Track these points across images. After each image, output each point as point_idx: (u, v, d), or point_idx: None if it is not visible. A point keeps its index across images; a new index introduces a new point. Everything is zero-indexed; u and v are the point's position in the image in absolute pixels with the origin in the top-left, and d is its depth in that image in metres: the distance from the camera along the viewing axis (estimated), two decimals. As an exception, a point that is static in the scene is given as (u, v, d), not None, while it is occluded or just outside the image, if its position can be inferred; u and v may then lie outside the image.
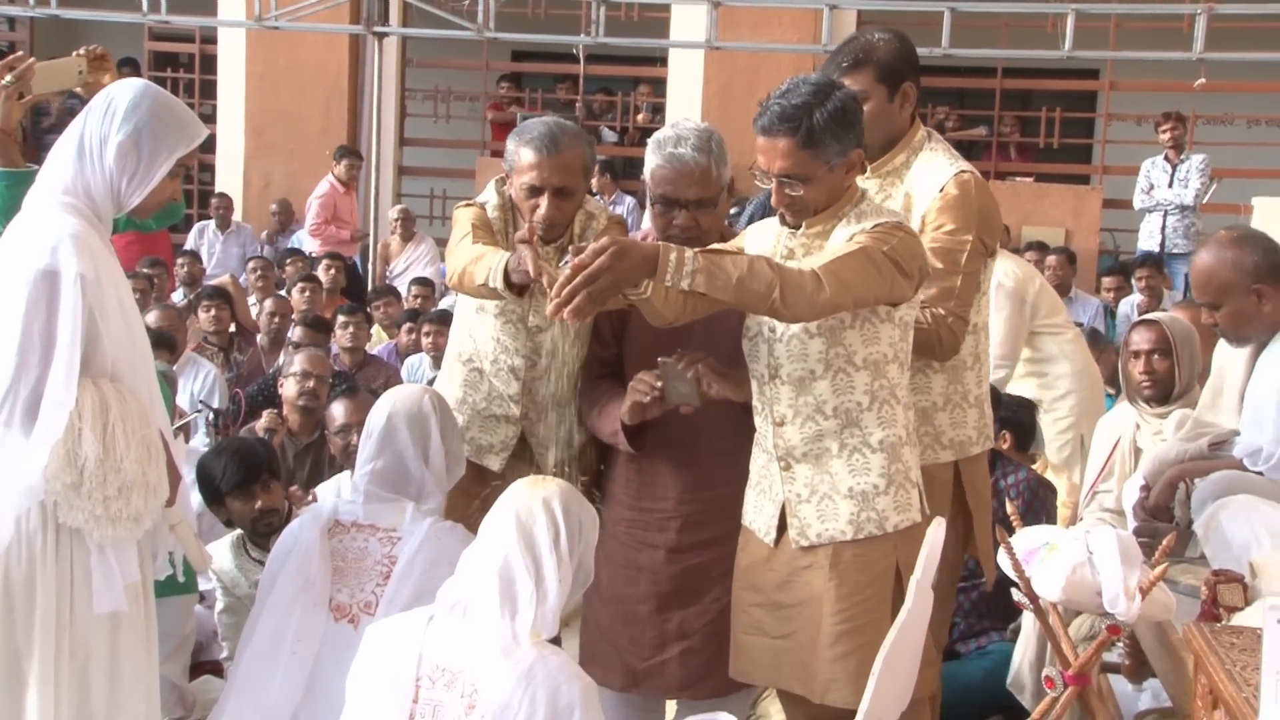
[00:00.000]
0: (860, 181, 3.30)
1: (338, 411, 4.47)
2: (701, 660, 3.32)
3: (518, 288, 3.15)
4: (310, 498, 4.46)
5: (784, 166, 2.89)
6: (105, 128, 2.89)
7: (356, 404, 4.47)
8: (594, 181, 10.21)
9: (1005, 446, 4.81)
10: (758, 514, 3.10)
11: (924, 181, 3.31)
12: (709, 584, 3.32)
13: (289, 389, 5.40)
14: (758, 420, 3.09)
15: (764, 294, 2.72)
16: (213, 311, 7.58)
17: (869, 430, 2.95)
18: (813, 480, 2.99)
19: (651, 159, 3.30)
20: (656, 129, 4.02)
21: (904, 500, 2.95)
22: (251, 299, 8.71)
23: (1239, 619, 2.80)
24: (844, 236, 2.90)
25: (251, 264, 9.35)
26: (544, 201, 3.38)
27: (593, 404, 3.43)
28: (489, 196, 3.60)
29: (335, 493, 4.40)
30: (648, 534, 3.41)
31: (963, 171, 3.28)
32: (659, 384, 3.15)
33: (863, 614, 2.92)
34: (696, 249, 2.80)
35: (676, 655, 3.35)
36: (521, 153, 3.39)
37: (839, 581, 2.95)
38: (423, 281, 9.24)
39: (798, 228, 3.00)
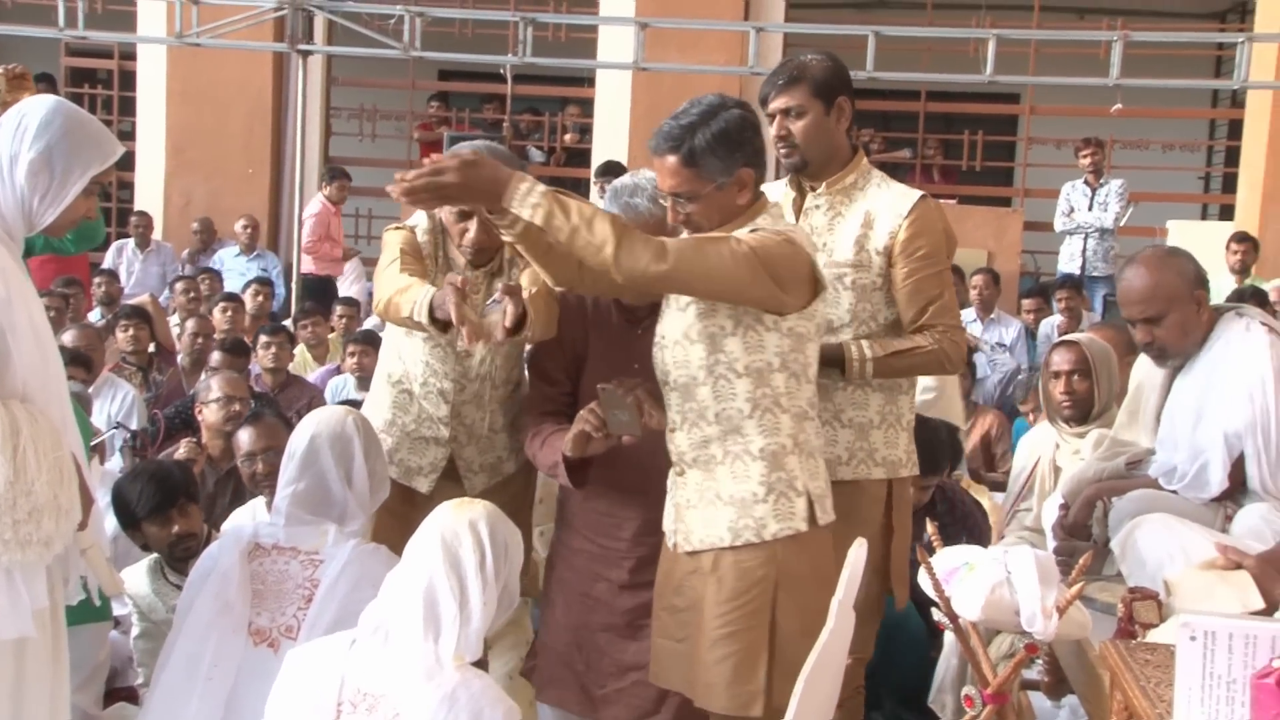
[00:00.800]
0: (810, 198, 3.41)
1: (243, 439, 4.39)
2: (655, 693, 3.33)
3: (441, 323, 3.15)
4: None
5: (671, 185, 3.00)
6: (16, 145, 2.84)
7: (260, 431, 4.39)
8: None
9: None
10: (665, 519, 3.16)
11: (887, 203, 3.44)
12: None
13: (212, 415, 5.32)
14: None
15: (597, 245, 2.78)
16: (131, 331, 7.45)
17: (750, 438, 2.97)
18: (702, 486, 3.03)
19: (610, 207, 3.36)
20: (584, 149, 4.08)
21: (785, 509, 2.96)
22: (174, 318, 8.59)
23: (1154, 636, 2.84)
24: None
25: (180, 284, 9.22)
26: (473, 226, 3.40)
27: (535, 436, 3.42)
28: (419, 219, 3.59)
29: (251, 518, 4.34)
30: (602, 568, 3.44)
31: (924, 197, 3.46)
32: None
33: (740, 620, 2.95)
34: (551, 189, 2.86)
35: (630, 685, 3.38)
36: None
37: (717, 587, 2.99)
38: (348, 301, 9.16)
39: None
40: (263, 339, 7.05)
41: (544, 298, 3.31)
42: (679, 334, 3.02)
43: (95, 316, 8.72)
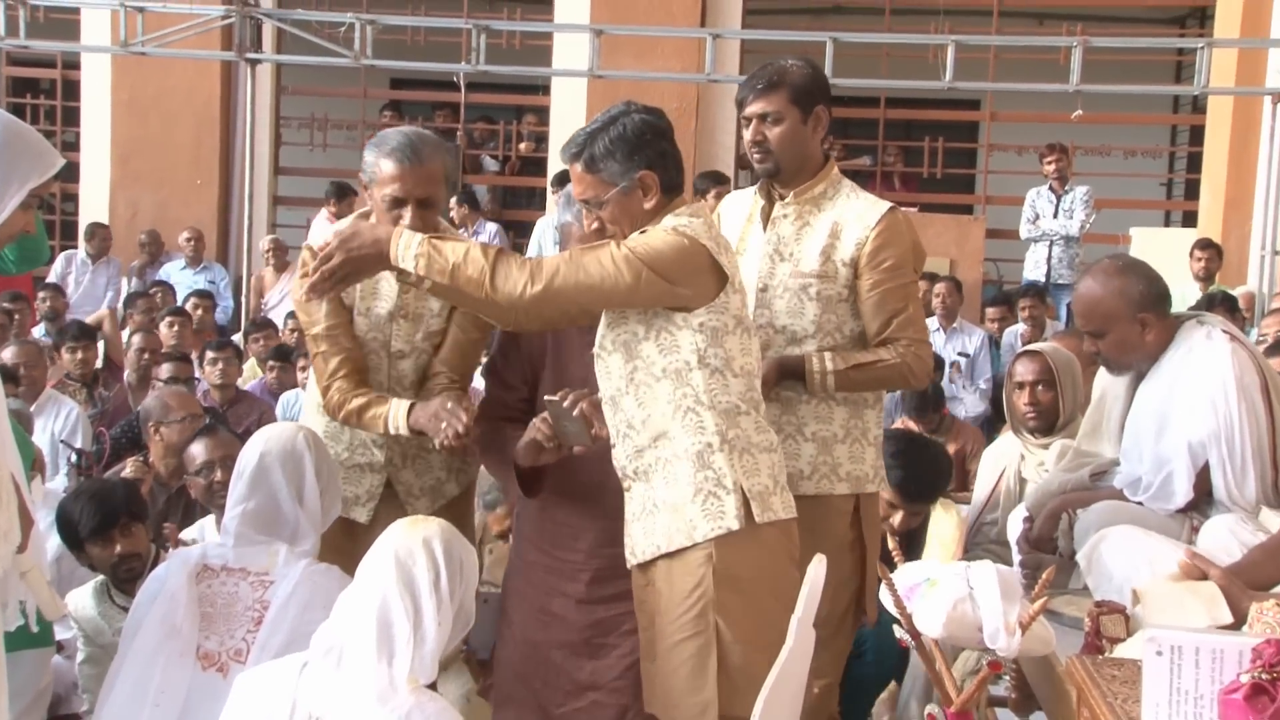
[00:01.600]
0: (779, 207, 3.44)
1: (197, 450, 4.37)
2: (611, 713, 3.31)
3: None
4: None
5: (578, 192, 3.08)
6: None
7: (216, 441, 4.37)
8: (453, 212, 10.18)
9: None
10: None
11: (855, 214, 3.47)
12: (620, 638, 3.32)
13: (175, 434, 5.26)
14: None
15: (476, 280, 2.86)
16: (79, 354, 7.41)
17: (676, 439, 2.98)
18: (644, 497, 3.04)
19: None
20: (540, 158, 4.15)
21: (714, 508, 2.95)
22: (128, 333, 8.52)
23: (1121, 650, 2.85)
24: None
25: (140, 302, 9.19)
26: (408, 213, 3.38)
27: (489, 445, 3.40)
28: (320, 235, 3.56)
29: (199, 537, 4.31)
30: (559, 582, 3.41)
31: (893, 208, 3.49)
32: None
33: (685, 627, 2.95)
34: (429, 235, 2.94)
35: (588, 705, 3.35)
36: (382, 164, 3.40)
37: (658, 597, 3.00)
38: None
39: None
40: (209, 354, 7.01)
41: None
42: (598, 345, 3.06)
43: (40, 332, 8.64)
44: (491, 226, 11.00)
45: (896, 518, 4.37)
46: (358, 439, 3.58)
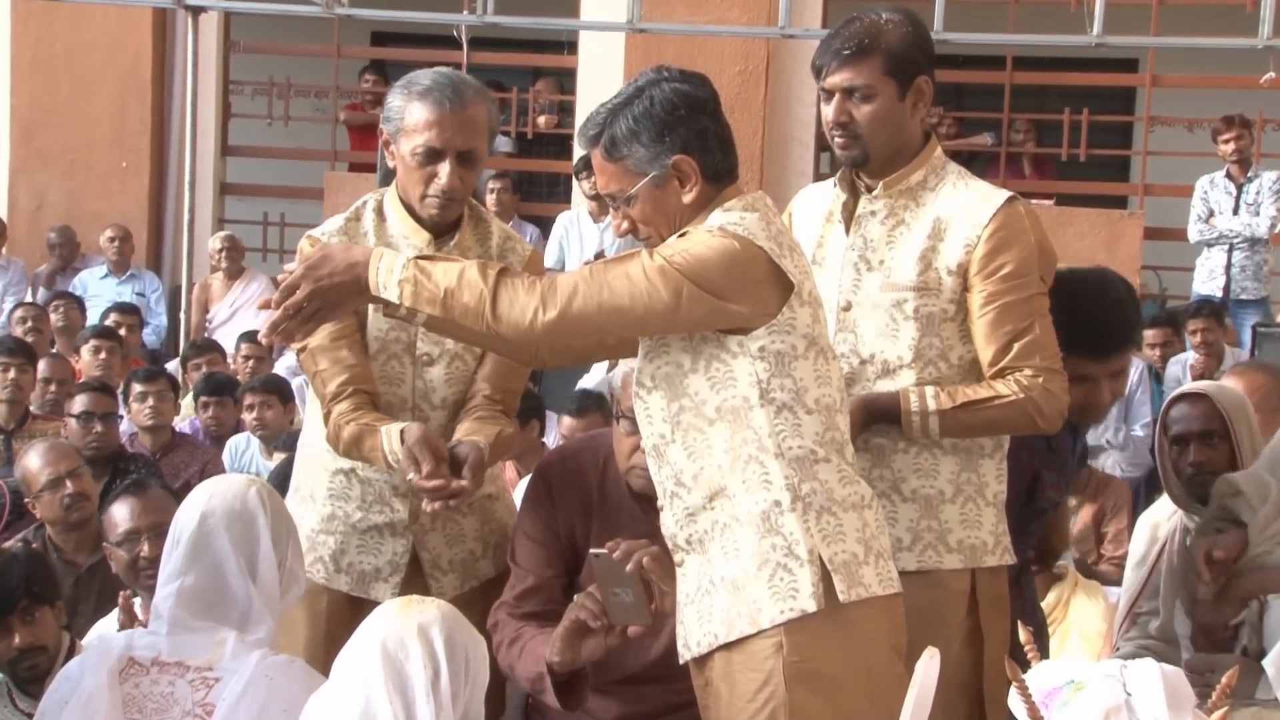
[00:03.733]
0: (865, 203, 3.44)
1: (120, 514, 4.38)
2: None
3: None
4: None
5: (601, 185, 3.14)
6: None
7: (145, 502, 4.38)
8: (491, 194, 10.25)
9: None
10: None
11: (963, 208, 3.47)
12: None
13: (46, 508, 5.30)
14: None
15: (474, 308, 2.91)
16: (11, 374, 7.14)
17: (736, 498, 3.00)
18: (699, 574, 3.06)
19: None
20: (563, 134, 4.27)
21: (785, 584, 2.96)
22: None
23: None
24: None
25: (19, 311, 9.20)
26: (444, 169, 3.49)
27: (514, 642, 3.44)
28: (332, 224, 3.65)
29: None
30: None
31: (1012, 199, 3.47)
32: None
33: None
34: (413, 256, 3.01)
35: None
36: (413, 109, 3.50)
37: (718, 700, 3.02)
38: (253, 337, 8.82)
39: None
40: (137, 387, 7.04)
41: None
42: (635, 382, 3.10)
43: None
44: (532, 230, 11.00)
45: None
46: (371, 492, 3.65)
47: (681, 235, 3.01)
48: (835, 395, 3.10)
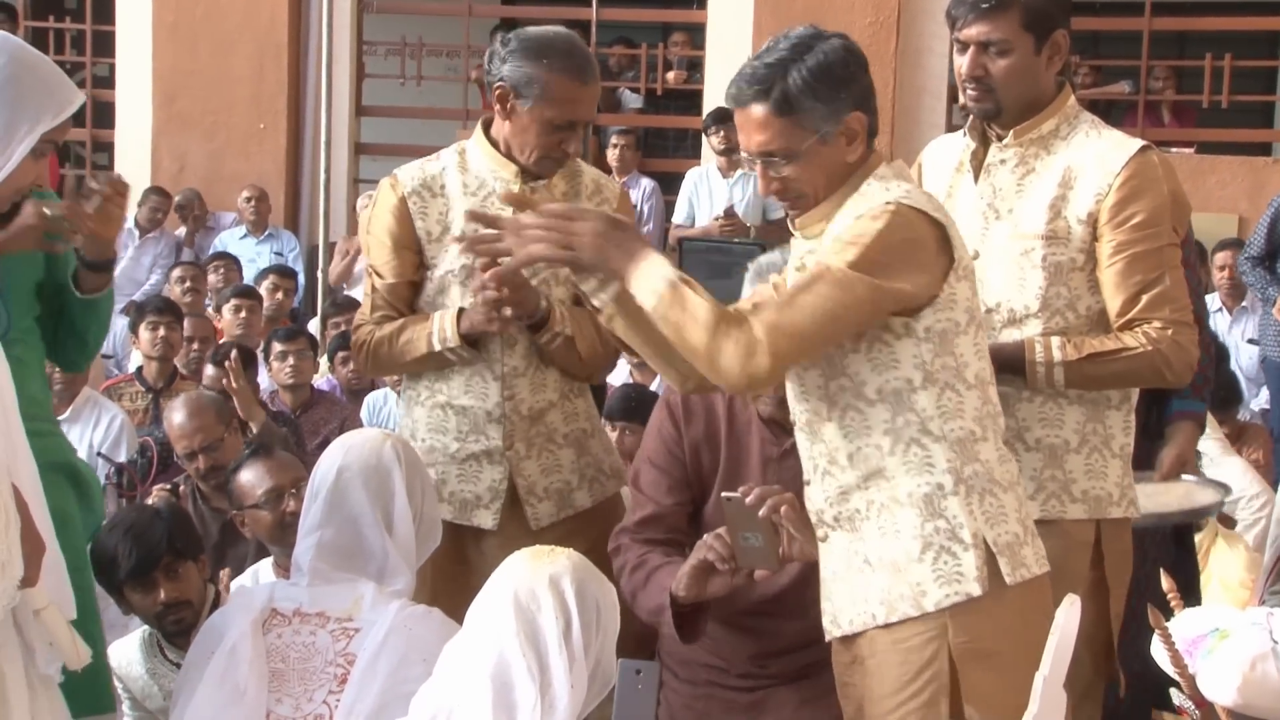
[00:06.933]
0: (995, 151, 3.41)
1: (254, 477, 4.39)
2: None
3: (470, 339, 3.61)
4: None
5: (761, 142, 3.01)
6: None
7: (276, 463, 4.41)
8: (614, 149, 10.30)
9: None
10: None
11: (1095, 156, 3.43)
12: None
13: (218, 457, 5.35)
14: None
15: (700, 356, 2.85)
16: (161, 332, 7.18)
17: (896, 480, 2.98)
18: (848, 550, 3.03)
19: (750, 288, 3.50)
20: (693, 90, 4.40)
21: (950, 568, 2.95)
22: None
23: None
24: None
25: (178, 271, 9.25)
26: (573, 138, 3.66)
27: (638, 569, 3.46)
28: (413, 175, 3.87)
29: (254, 581, 4.36)
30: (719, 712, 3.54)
31: (1145, 148, 3.42)
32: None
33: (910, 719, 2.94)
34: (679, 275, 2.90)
35: None
36: (555, 82, 3.59)
37: (878, 679, 2.99)
38: None
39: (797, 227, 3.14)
40: (277, 346, 7.09)
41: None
42: None
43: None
44: (647, 183, 10.99)
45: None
46: (466, 422, 3.72)
47: (843, 241, 2.93)
48: (988, 367, 3.09)
